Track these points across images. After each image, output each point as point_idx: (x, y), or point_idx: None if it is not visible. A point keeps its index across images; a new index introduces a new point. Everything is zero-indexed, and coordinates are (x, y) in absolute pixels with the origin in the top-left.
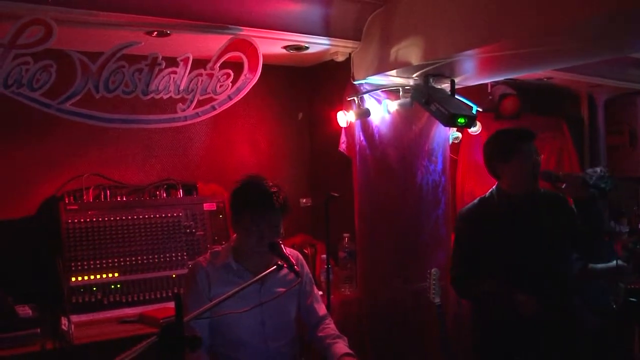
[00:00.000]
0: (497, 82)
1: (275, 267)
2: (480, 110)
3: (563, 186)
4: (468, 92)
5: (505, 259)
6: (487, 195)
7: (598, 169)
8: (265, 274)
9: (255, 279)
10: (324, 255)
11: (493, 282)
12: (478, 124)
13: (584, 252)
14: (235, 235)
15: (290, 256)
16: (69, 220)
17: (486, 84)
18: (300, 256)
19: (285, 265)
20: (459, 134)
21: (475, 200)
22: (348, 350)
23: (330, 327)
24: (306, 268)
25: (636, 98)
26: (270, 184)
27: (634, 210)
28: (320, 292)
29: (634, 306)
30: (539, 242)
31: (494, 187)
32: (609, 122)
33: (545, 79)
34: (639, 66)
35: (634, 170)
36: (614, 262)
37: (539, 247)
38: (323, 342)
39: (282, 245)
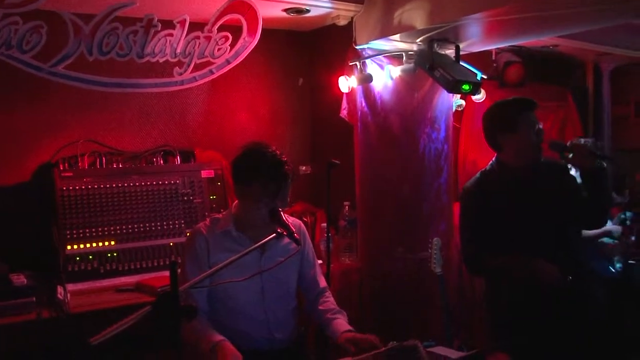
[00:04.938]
0: (501, 50)
1: (274, 234)
2: (484, 77)
3: (570, 156)
4: (472, 58)
5: (513, 231)
6: (487, 169)
7: (589, 140)
8: (265, 242)
9: (254, 246)
10: (324, 224)
11: (509, 254)
12: (482, 91)
13: (584, 220)
14: (236, 202)
15: (291, 225)
16: (64, 188)
17: (490, 51)
18: (303, 226)
19: (285, 233)
20: (463, 102)
21: (477, 175)
22: (349, 327)
23: (330, 300)
24: (308, 238)
25: None
26: (278, 151)
27: (636, 181)
28: (320, 261)
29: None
30: (544, 212)
31: (493, 159)
32: (615, 93)
33: (551, 47)
34: None
35: (639, 141)
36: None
37: (545, 216)
38: (323, 316)
39: (283, 213)
